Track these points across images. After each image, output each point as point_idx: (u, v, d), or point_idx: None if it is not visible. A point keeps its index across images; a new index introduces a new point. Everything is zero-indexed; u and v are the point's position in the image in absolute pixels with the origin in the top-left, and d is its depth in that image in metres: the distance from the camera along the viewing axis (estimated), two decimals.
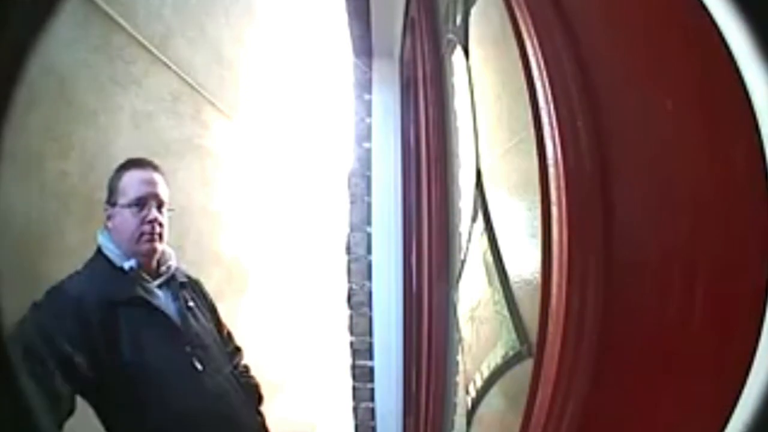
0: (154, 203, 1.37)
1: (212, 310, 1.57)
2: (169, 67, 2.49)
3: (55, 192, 1.66)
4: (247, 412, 1.47)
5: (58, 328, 1.19)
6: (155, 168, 1.43)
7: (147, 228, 1.36)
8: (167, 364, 1.31)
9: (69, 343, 1.18)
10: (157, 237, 1.38)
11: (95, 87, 1.90)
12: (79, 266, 1.35)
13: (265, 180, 4.01)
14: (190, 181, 2.72)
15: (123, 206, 1.36)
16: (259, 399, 1.57)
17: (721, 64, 0.30)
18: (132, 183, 1.37)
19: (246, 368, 1.59)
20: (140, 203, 1.36)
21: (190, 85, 2.72)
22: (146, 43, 2.25)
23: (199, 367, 1.36)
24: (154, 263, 1.41)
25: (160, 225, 1.39)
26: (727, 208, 0.34)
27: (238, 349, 1.62)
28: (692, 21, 0.33)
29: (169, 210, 1.43)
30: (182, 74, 2.62)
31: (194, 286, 1.53)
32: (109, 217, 1.38)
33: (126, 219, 1.36)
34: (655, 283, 0.41)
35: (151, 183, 1.39)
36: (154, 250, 1.39)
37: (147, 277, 1.39)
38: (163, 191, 1.41)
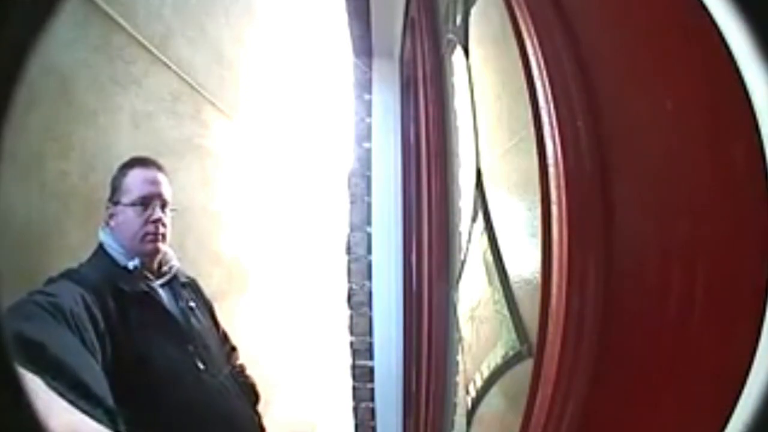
0: (157, 203, 1.37)
1: (210, 311, 1.57)
2: (169, 67, 2.49)
3: (55, 192, 1.66)
4: (245, 411, 1.48)
5: (86, 301, 1.16)
6: (159, 167, 1.42)
7: (150, 228, 1.36)
8: (172, 362, 1.31)
9: (99, 318, 1.17)
10: (160, 237, 1.38)
11: (95, 87, 1.90)
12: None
13: (265, 180, 4.01)
14: (190, 181, 2.72)
15: (126, 205, 1.35)
16: (256, 398, 1.57)
17: (721, 64, 0.30)
18: (136, 182, 1.37)
19: (242, 368, 1.60)
20: (144, 203, 1.35)
21: (190, 85, 2.72)
22: (146, 43, 2.25)
23: (201, 366, 1.36)
24: (156, 263, 1.41)
25: (164, 225, 1.38)
26: (727, 208, 0.34)
27: (233, 349, 1.62)
28: (692, 21, 0.33)
29: (172, 210, 1.42)
30: (182, 74, 2.62)
31: (193, 286, 1.53)
32: (111, 216, 1.37)
33: (129, 218, 1.35)
34: (655, 283, 0.41)
35: (155, 182, 1.38)
36: (157, 251, 1.39)
37: (150, 277, 1.39)
38: (167, 191, 1.40)
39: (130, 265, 1.33)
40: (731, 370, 0.30)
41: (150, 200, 1.36)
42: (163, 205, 1.39)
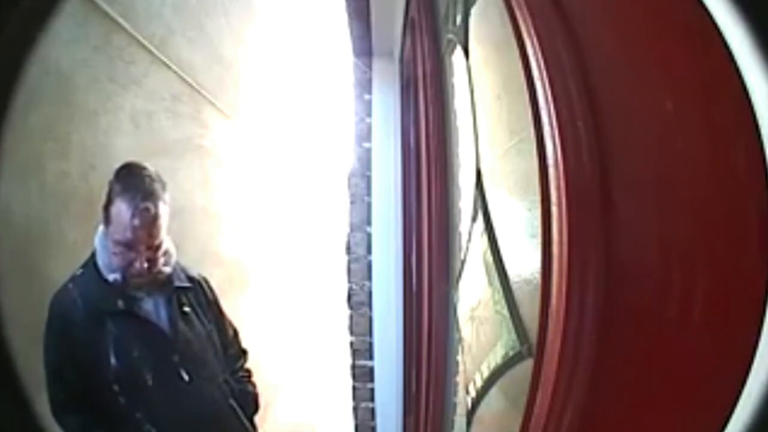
0: (143, 246, 1.29)
1: (216, 312, 1.52)
2: (169, 67, 2.49)
3: (55, 192, 1.66)
4: (236, 423, 1.44)
5: (47, 344, 1.25)
6: (147, 204, 1.28)
7: (136, 269, 1.30)
8: (152, 374, 1.30)
9: (57, 359, 1.24)
10: (145, 273, 1.32)
11: (95, 87, 1.90)
12: (78, 266, 1.36)
13: (265, 180, 4.00)
14: (190, 181, 2.72)
15: (111, 237, 1.29)
16: (255, 408, 1.53)
17: (721, 64, 0.30)
18: (120, 218, 1.27)
19: (248, 373, 1.56)
20: (127, 247, 1.28)
21: (190, 85, 2.72)
22: (146, 43, 2.24)
23: (186, 377, 1.34)
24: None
25: (151, 266, 1.32)
26: (727, 208, 0.34)
27: (243, 352, 1.58)
28: (692, 21, 0.33)
29: (164, 240, 1.35)
30: (182, 74, 2.62)
31: (196, 288, 1.48)
32: (105, 223, 1.33)
33: (114, 251, 1.30)
34: (655, 283, 0.41)
35: (141, 225, 1.27)
36: (141, 284, 1.34)
37: (137, 284, 1.35)
38: (158, 222, 1.30)
39: (111, 278, 1.31)
40: (731, 370, 0.30)
41: (133, 245, 1.28)
42: (153, 239, 1.30)
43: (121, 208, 1.27)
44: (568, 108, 0.49)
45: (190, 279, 1.47)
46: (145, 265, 1.30)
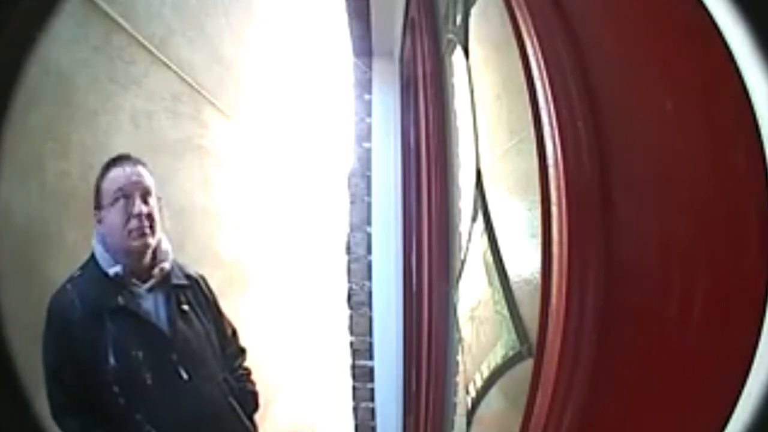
0: (137, 194, 1.35)
1: (214, 310, 1.53)
2: (169, 67, 2.49)
3: (55, 192, 1.66)
4: (236, 422, 1.44)
5: (46, 345, 1.25)
6: (136, 161, 1.40)
7: (134, 223, 1.33)
8: (151, 373, 1.30)
9: (56, 361, 1.25)
10: (147, 231, 1.35)
11: (95, 87, 1.90)
12: (78, 266, 1.36)
13: (265, 180, 4.00)
14: (190, 181, 2.72)
15: (108, 205, 1.34)
16: (255, 407, 1.53)
17: (721, 64, 0.30)
18: (113, 180, 1.36)
19: (247, 371, 1.56)
20: (123, 196, 1.34)
21: (190, 85, 2.72)
22: (146, 43, 2.24)
23: (185, 376, 1.34)
24: (147, 260, 1.38)
25: (149, 217, 1.36)
26: (727, 208, 0.34)
27: (242, 351, 1.58)
28: (692, 21, 0.33)
29: (159, 199, 1.40)
30: (182, 74, 2.62)
31: (194, 286, 1.48)
32: (99, 222, 1.36)
33: (113, 218, 1.34)
34: (655, 283, 0.41)
35: (132, 175, 1.36)
36: (146, 246, 1.36)
37: (136, 282, 1.36)
38: (146, 180, 1.38)
39: (111, 271, 1.32)
40: (731, 370, 0.30)
41: (129, 193, 1.34)
42: (145, 195, 1.36)
43: (111, 174, 1.37)
44: (568, 108, 0.49)
45: (188, 277, 1.48)
46: (144, 209, 1.34)
